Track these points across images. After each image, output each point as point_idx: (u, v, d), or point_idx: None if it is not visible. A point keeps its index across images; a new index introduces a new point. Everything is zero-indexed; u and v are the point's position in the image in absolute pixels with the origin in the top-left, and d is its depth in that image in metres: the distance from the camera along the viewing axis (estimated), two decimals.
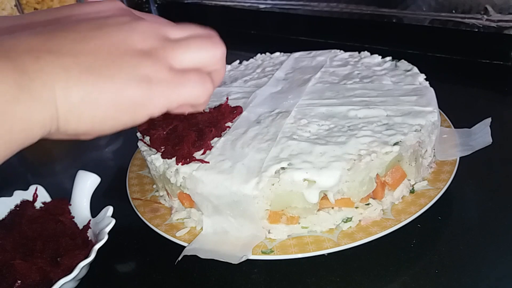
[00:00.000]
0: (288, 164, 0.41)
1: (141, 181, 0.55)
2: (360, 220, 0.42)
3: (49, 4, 1.24)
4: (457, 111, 0.56)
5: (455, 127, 0.53)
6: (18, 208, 0.50)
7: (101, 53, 0.24)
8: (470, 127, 0.51)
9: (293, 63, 0.67)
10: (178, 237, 0.44)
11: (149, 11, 1.28)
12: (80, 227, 0.48)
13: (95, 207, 0.49)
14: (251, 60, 0.71)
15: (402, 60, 0.59)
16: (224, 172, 0.42)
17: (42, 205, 0.51)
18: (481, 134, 0.48)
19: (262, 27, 1.10)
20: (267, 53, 0.73)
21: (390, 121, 0.45)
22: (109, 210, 0.46)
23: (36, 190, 0.51)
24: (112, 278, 0.45)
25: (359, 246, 0.39)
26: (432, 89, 0.51)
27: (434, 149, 0.47)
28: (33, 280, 0.41)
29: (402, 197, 0.44)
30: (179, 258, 0.41)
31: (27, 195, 0.51)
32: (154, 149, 0.48)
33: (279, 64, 0.67)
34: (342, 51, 0.67)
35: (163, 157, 0.46)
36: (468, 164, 0.47)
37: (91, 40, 0.24)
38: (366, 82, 0.55)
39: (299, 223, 0.42)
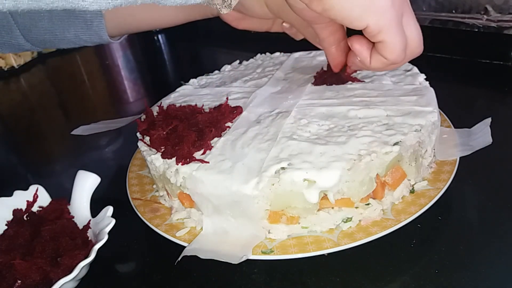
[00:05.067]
0: (288, 164, 0.41)
1: (141, 181, 0.55)
2: (360, 220, 0.42)
3: None
4: (457, 111, 0.56)
5: (455, 127, 0.53)
6: (19, 209, 0.50)
7: None
8: (470, 127, 0.51)
9: (293, 63, 0.67)
10: (178, 237, 0.44)
11: None
12: (80, 227, 0.48)
13: (95, 207, 0.49)
14: (251, 60, 0.72)
15: None
16: (224, 172, 0.42)
17: (42, 205, 0.51)
18: (481, 134, 0.48)
19: None
20: (267, 53, 0.73)
21: (390, 121, 0.45)
22: (109, 210, 0.46)
23: (36, 190, 0.51)
24: (112, 278, 0.45)
25: (359, 246, 0.39)
26: (432, 89, 0.51)
27: (434, 149, 0.47)
28: (33, 280, 0.41)
29: (402, 197, 0.44)
30: (179, 258, 0.41)
31: (27, 195, 0.51)
32: (154, 149, 0.48)
33: (279, 64, 0.67)
34: None
35: (163, 157, 0.46)
36: (468, 164, 0.47)
37: None
38: (366, 82, 0.55)
39: (299, 223, 0.42)
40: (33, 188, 0.52)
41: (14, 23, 0.48)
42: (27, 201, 0.51)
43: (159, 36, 1.31)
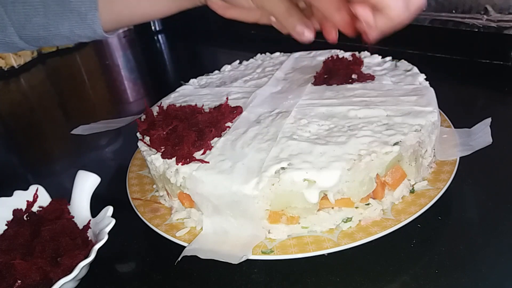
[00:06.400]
0: (288, 164, 0.41)
1: (141, 181, 0.55)
2: (360, 220, 0.42)
3: None
4: (457, 111, 0.56)
5: (455, 127, 0.53)
6: (19, 209, 0.50)
7: None
8: (470, 127, 0.51)
9: (293, 63, 0.67)
10: (178, 237, 0.44)
11: None
12: (80, 227, 0.48)
13: (95, 207, 0.49)
14: (251, 60, 0.72)
15: (402, 60, 0.59)
16: (224, 172, 0.42)
17: (42, 205, 0.51)
18: (481, 134, 0.48)
19: (262, 27, 1.10)
20: (267, 53, 0.73)
21: (390, 121, 0.45)
22: (109, 210, 0.46)
23: (36, 190, 0.51)
24: (112, 278, 0.45)
25: (359, 246, 0.39)
26: (432, 89, 0.51)
27: (434, 149, 0.47)
28: (33, 280, 0.41)
29: (402, 197, 0.44)
30: (179, 259, 0.41)
31: (27, 195, 0.51)
32: (154, 149, 0.48)
33: (279, 64, 0.67)
34: (342, 51, 0.67)
35: (163, 157, 0.46)
36: (468, 164, 0.47)
37: None
38: (366, 82, 0.55)
39: (299, 223, 0.42)
40: (33, 188, 0.52)
41: (8, 20, 0.48)
42: (27, 201, 0.51)
43: (159, 36, 1.31)
